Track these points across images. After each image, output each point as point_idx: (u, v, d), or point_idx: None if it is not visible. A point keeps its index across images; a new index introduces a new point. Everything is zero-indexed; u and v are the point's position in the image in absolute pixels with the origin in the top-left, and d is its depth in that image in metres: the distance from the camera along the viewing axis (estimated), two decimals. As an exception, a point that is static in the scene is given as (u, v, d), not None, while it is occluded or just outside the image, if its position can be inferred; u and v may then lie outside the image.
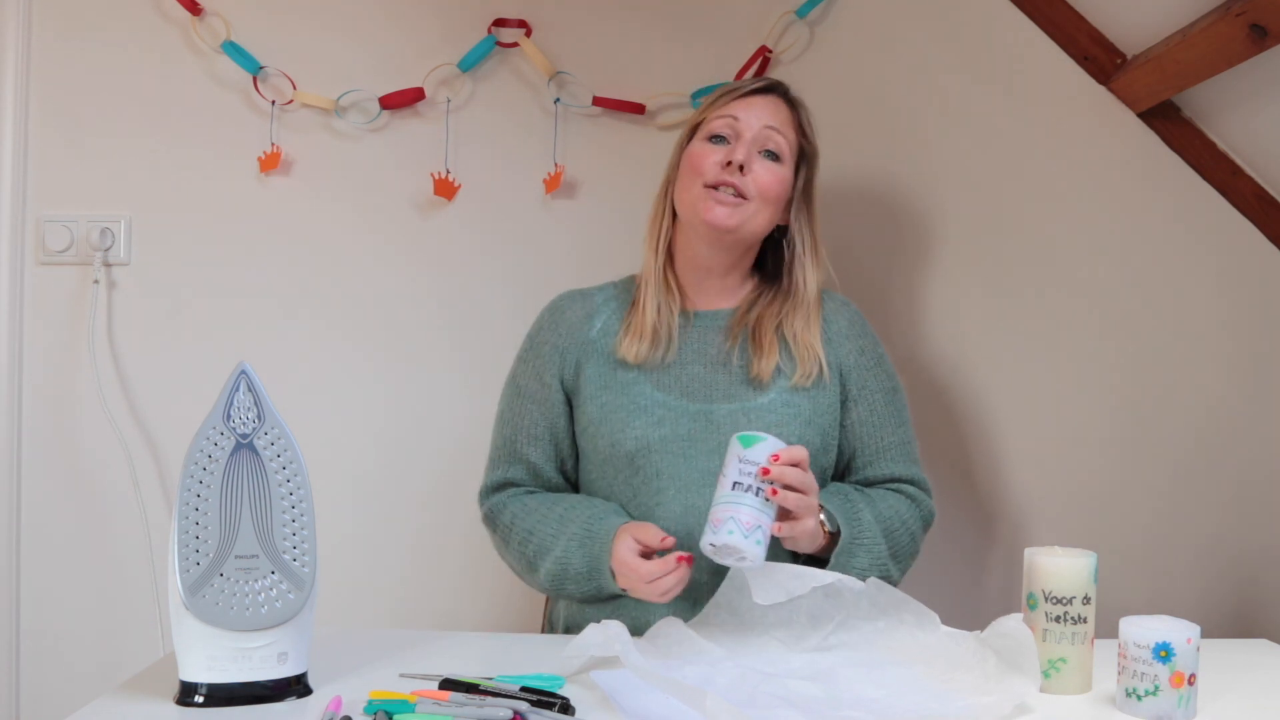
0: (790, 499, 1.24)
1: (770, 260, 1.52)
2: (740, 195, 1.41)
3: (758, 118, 1.44)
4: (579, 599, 1.40)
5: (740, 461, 1.23)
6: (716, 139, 1.45)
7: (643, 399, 1.43)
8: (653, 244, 1.50)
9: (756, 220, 1.44)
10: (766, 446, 1.23)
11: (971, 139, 1.91)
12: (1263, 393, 1.93)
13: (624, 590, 1.33)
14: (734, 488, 1.22)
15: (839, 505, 1.37)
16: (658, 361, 1.44)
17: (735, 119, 1.44)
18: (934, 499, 1.50)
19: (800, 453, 1.26)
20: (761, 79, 1.51)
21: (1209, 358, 1.92)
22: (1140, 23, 1.76)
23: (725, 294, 1.50)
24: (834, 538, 1.35)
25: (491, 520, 1.49)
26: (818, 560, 1.37)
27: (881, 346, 1.52)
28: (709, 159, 1.43)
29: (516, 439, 1.48)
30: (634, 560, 1.29)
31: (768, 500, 1.22)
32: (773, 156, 1.45)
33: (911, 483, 1.48)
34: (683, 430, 1.41)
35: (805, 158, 1.49)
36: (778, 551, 1.32)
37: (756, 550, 1.20)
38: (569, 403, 1.49)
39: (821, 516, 1.35)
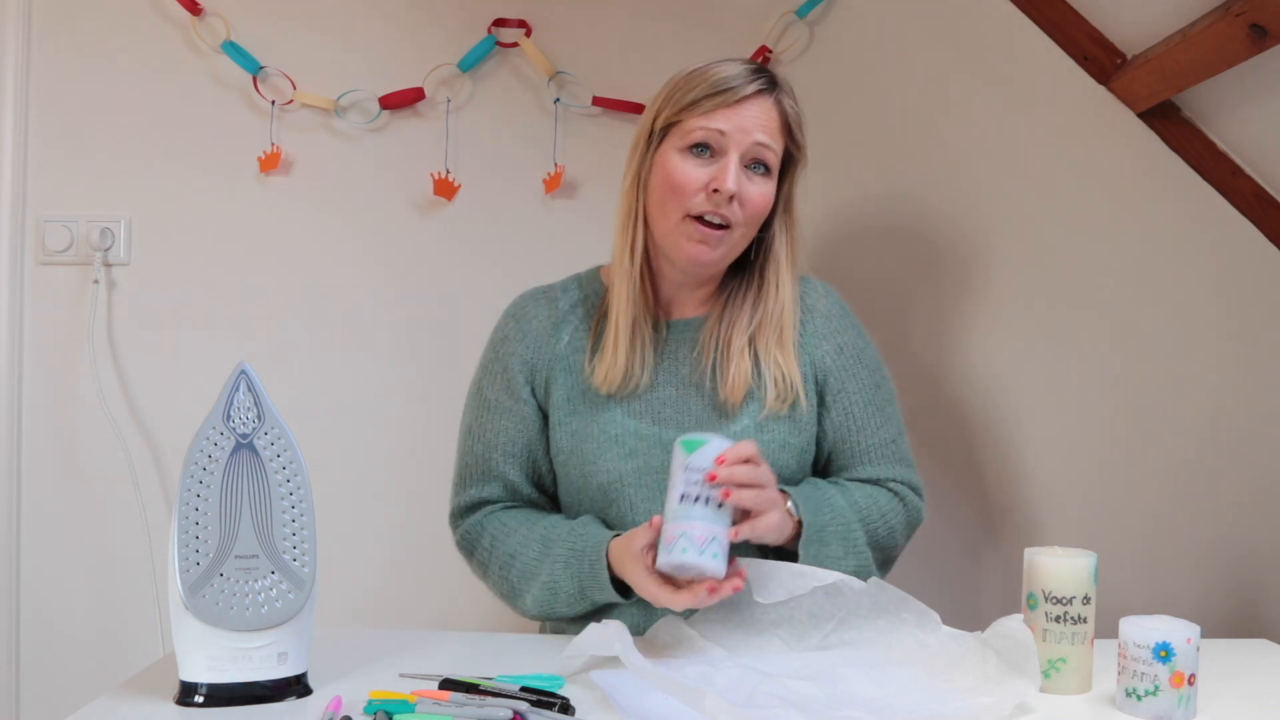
0: (746, 497, 1.17)
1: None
2: (726, 225, 1.31)
3: (747, 132, 1.30)
4: (570, 619, 1.33)
5: (685, 470, 1.15)
6: (698, 148, 1.31)
7: (613, 427, 1.35)
8: (626, 249, 1.36)
9: (741, 245, 1.35)
10: (711, 449, 1.16)
11: (971, 139, 1.91)
12: (1262, 392, 1.93)
13: (624, 599, 1.27)
14: (681, 500, 1.15)
15: (807, 493, 1.31)
16: (630, 388, 1.36)
17: (722, 133, 1.30)
18: (926, 501, 1.43)
19: (748, 447, 1.18)
20: (749, 78, 1.31)
21: (1208, 357, 1.92)
22: (1140, 23, 1.76)
23: (701, 301, 1.41)
24: (803, 527, 1.29)
25: (468, 544, 1.41)
26: (789, 554, 1.30)
27: (865, 337, 1.44)
28: (692, 180, 1.30)
29: (490, 456, 1.40)
30: (658, 590, 1.18)
31: (720, 507, 1.14)
32: (761, 169, 1.33)
33: (897, 483, 1.41)
34: (656, 462, 1.33)
35: (791, 161, 1.37)
36: (747, 548, 1.25)
37: (714, 564, 1.13)
38: (543, 415, 1.41)
39: (790, 506, 1.29)
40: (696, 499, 1.15)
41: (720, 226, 1.31)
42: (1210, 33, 1.53)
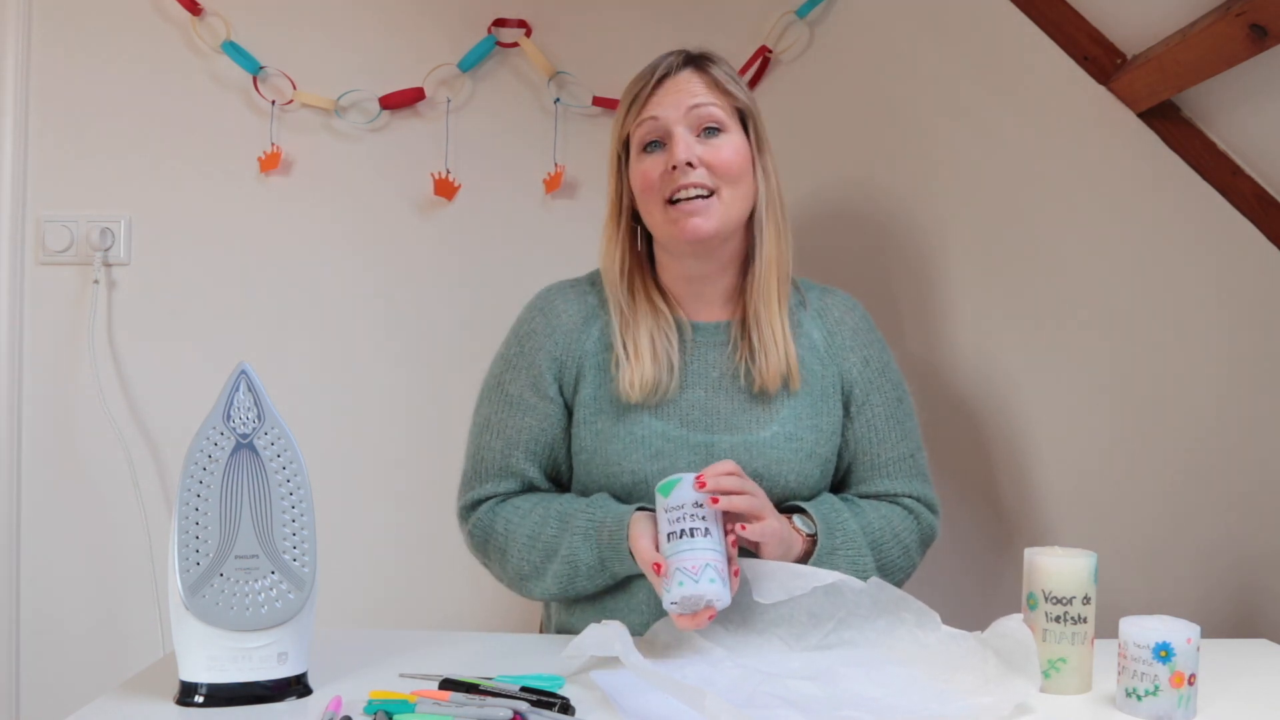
0: (738, 502, 1.20)
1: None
2: (707, 192, 1.31)
3: (676, 104, 1.32)
4: (590, 594, 1.34)
5: (666, 511, 1.19)
6: (651, 147, 1.34)
7: (639, 428, 1.34)
8: (614, 267, 1.38)
9: (735, 208, 1.33)
10: (685, 482, 1.19)
11: (971, 139, 1.91)
12: (1262, 392, 1.92)
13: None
14: (669, 540, 1.18)
15: (823, 513, 1.32)
16: (659, 395, 1.35)
17: (655, 118, 1.33)
18: (940, 516, 1.44)
19: (728, 464, 1.23)
20: (660, 61, 1.36)
21: (1208, 357, 1.92)
22: (1140, 23, 1.76)
23: (724, 300, 1.40)
24: (814, 544, 1.30)
25: (482, 534, 1.38)
26: None
27: (888, 351, 1.46)
28: (653, 170, 1.33)
29: (511, 453, 1.38)
30: (656, 581, 1.22)
31: (706, 535, 1.17)
32: (714, 131, 1.33)
33: (912, 498, 1.42)
34: (681, 464, 1.32)
35: (747, 114, 1.37)
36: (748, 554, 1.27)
37: (712, 588, 1.14)
38: (568, 412, 1.39)
39: (799, 523, 1.31)
40: (682, 534, 1.17)
41: (701, 197, 1.31)
42: (1210, 33, 1.53)
